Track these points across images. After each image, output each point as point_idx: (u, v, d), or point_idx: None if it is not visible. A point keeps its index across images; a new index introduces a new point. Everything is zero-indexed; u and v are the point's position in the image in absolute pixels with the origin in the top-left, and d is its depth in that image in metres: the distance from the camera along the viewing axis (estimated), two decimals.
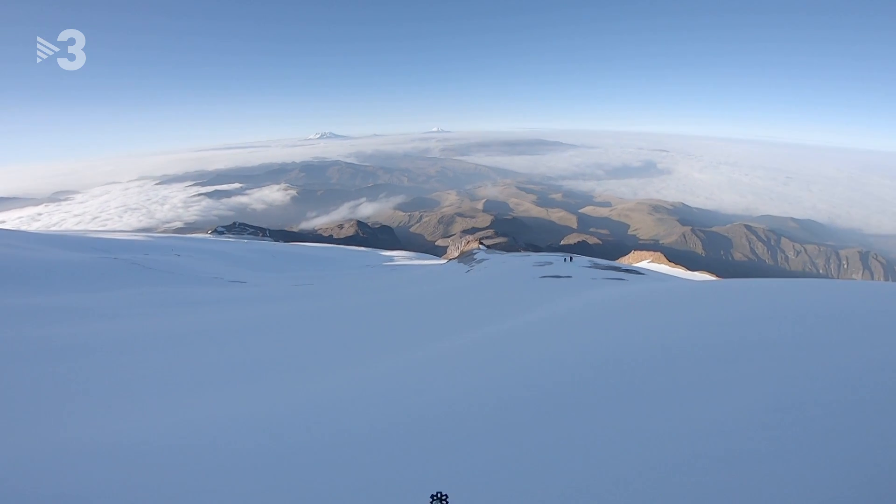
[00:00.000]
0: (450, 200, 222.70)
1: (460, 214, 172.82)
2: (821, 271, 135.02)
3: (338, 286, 24.47)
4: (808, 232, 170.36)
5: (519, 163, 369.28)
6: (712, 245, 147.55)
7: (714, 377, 3.32)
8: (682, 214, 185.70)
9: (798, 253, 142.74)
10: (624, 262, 46.90)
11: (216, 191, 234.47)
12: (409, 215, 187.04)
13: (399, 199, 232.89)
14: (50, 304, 12.79)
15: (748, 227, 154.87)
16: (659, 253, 54.14)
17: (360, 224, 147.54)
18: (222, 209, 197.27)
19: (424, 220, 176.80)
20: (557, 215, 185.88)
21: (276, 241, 75.13)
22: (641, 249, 64.74)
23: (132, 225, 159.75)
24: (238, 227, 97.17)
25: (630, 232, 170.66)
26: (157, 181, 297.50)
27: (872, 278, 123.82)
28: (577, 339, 5.77)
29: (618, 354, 4.41)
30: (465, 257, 41.91)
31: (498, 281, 20.51)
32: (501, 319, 9.31)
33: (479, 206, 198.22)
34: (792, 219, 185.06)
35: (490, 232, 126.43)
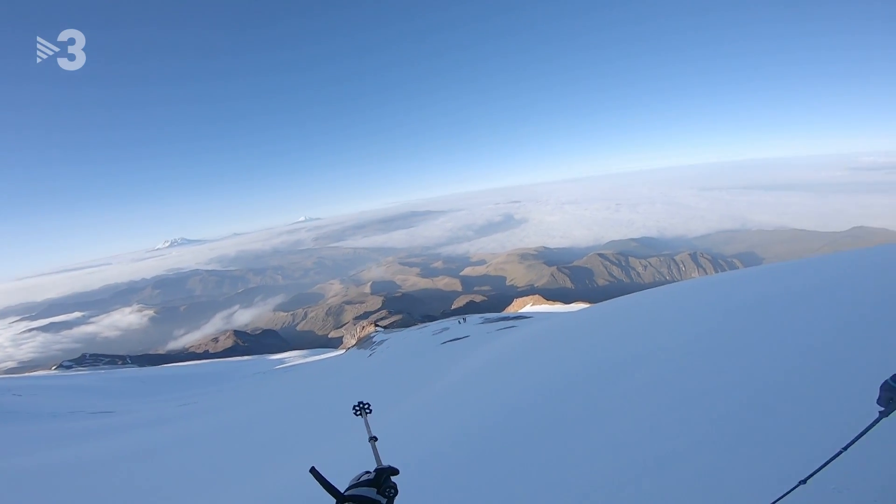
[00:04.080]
0: (334, 290, 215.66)
1: (348, 302, 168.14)
2: (667, 278, 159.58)
3: (228, 399, 21.99)
4: (647, 247, 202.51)
5: (397, 238, 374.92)
6: (578, 277, 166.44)
7: (613, 393, 4.23)
8: (546, 256, 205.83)
9: (645, 267, 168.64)
10: (510, 310, 50.61)
11: (51, 323, 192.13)
12: (293, 314, 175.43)
13: (278, 299, 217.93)
14: None
15: (601, 255, 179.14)
16: (537, 296, 59.90)
17: (238, 333, 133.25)
18: (66, 342, 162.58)
19: (311, 315, 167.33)
20: (443, 282, 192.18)
21: (141, 367, 63.83)
22: (522, 296, 70.70)
23: None
24: (90, 359, 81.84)
25: (508, 283, 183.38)
26: None
27: (706, 273, 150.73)
28: (484, 391, 6.52)
29: (521, 398, 5.18)
30: (364, 342, 40.95)
31: (402, 357, 20.67)
32: (412, 392, 9.65)
33: (367, 289, 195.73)
34: (632, 239, 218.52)
35: (384, 312, 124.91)
